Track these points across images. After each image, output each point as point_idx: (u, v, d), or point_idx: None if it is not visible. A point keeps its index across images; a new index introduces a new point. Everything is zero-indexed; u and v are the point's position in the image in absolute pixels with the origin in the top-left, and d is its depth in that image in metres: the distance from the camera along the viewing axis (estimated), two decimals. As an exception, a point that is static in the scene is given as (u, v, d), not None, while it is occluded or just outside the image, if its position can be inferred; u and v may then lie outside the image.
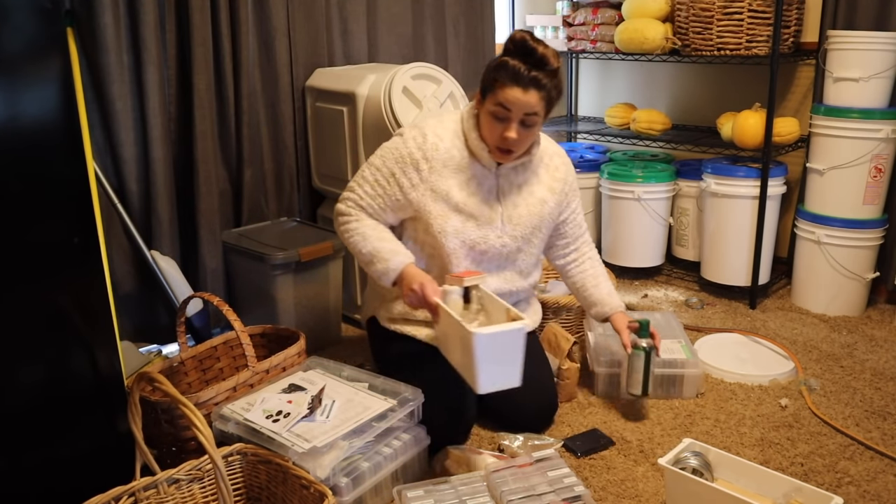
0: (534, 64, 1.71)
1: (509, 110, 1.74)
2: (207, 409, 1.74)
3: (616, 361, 2.16)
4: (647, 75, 3.47)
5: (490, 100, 1.77)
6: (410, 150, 1.84)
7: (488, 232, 1.89)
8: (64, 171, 1.40)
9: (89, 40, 2.18)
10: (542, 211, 1.95)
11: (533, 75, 1.71)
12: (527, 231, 1.94)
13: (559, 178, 1.99)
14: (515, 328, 1.58)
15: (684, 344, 2.25)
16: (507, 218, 1.91)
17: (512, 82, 1.72)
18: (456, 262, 1.88)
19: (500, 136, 1.77)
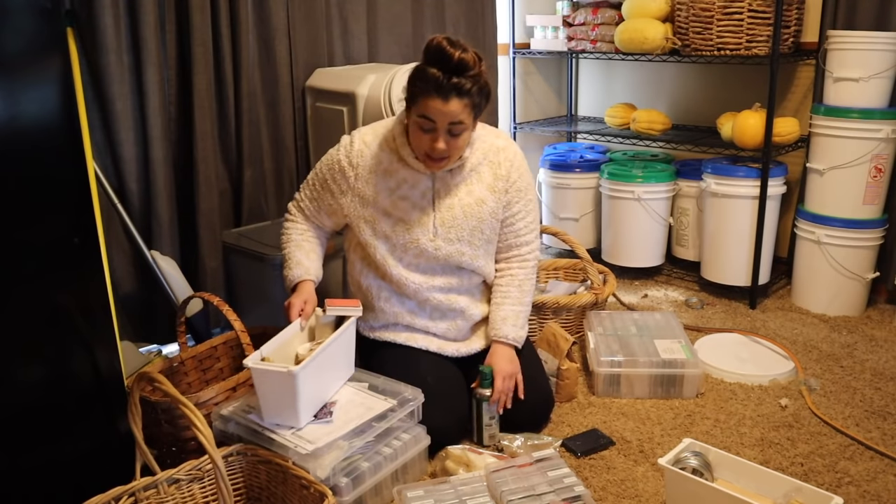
0: (452, 70, 1.65)
1: (433, 121, 1.70)
2: (207, 409, 1.74)
3: (617, 362, 2.15)
4: (647, 75, 3.47)
5: (414, 111, 1.73)
6: (339, 157, 1.88)
7: (419, 235, 1.86)
8: (64, 171, 1.40)
9: (89, 40, 2.18)
10: (480, 212, 1.89)
11: (453, 82, 1.65)
12: (463, 233, 1.88)
13: (502, 175, 1.90)
14: (279, 371, 1.57)
15: (684, 344, 2.24)
16: (440, 221, 1.87)
17: (432, 92, 1.66)
18: (394, 264, 1.89)
19: (429, 146, 1.74)
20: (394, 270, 1.89)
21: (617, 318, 2.43)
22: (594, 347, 2.23)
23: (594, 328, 2.34)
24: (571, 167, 3.29)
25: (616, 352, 2.19)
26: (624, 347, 2.22)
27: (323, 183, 1.92)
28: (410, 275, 1.90)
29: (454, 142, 1.75)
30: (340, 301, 1.84)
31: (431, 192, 1.88)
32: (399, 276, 1.90)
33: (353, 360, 1.86)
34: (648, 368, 2.15)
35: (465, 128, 1.74)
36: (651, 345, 2.23)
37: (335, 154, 1.90)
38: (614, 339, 2.27)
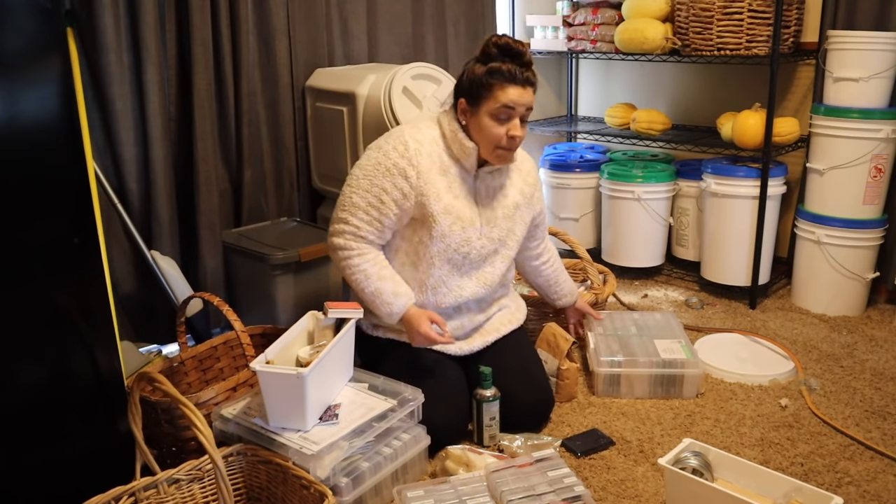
0: (523, 64, 1.80)
1: (513, 109, 1.79)
2: (207, 409, 1.74)
3: (617, 362, 2.15)
4: (647, 75, 3.47)
5: (488, 104, 1.80)
6: (394, 160, 1.82)
7: (471, 234, 1.90)
8: (64, 171, 1.40)
9: (89, 40, 2.18)
10: (514, 214, 1.99)
11: (526, 75, 1.80)
12: (503, 233, 1.96)
13: (530, 182, 2.03)
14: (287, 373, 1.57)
15: (684, 344, 2.24)
16: (485, 220, 1.93)
17: (510, 83, 1.78)
18: (439, 265, 1.89)
19: (506, 135, 1.81)
20: (437, 271, 1.89)
21: (617, 318, 2.43)
22: (594, 347, 2.24)
23: (594, 328, 2.34)
24: (571, 167, 3.29)
25: (616, 352, 2.19)
26: (624, 347, 2.22)
27: (381, 195, 1.82)
28: (450, 278, 1.91)
29: (524, 128, 1.85)
30: (341, 304, 1.83)
31: (474, 191, 1.93)
32: (437, 277, 1.90)
33: (352, 361, 1.86)
34: (648, 368, 2.15)
35: (529, 115, 1.86)
36: (651, 345, 2.23)
37: (386, 160, 1.82)
38: (614, 339, 2.27)
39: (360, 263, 1.85)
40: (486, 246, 1.94)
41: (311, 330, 1.85)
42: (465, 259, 1.91)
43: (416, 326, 1.85)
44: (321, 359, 1.63)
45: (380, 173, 1.82)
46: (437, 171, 1.85)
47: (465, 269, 1.93)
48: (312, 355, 1.73)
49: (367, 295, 1.86)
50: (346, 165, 2.55)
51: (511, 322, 2.07)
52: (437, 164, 1.86)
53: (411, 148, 1.83)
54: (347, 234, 1.85)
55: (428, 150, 1.85)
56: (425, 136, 1.87)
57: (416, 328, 1.85)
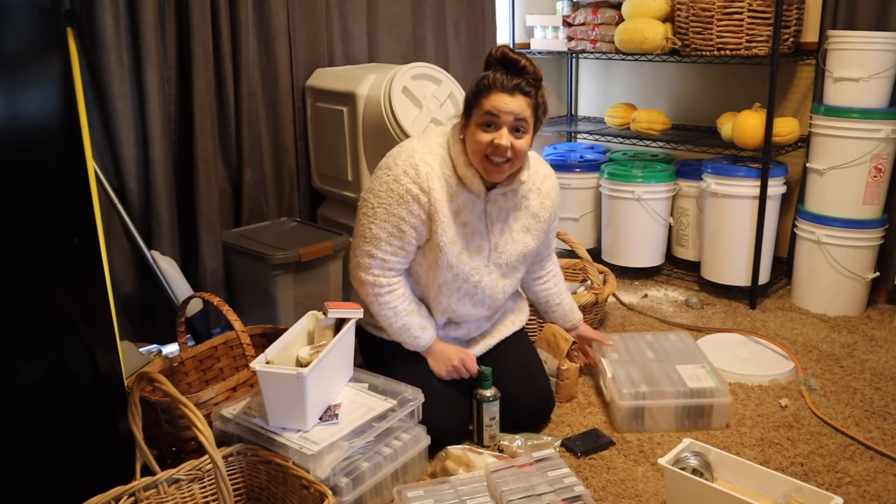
0: (516, 73, 1.71)
1: (497, 116, 1.70)
2: (207, 409, 1.74)
3: (642, 394, 1.95)
4: (647, 75, 3.47)
5: (476, 113, 1.73)
6: (406, 186, 1.74)
7: (478, 263, 1.86)
8: (64, 171, 1.40)
9: (89, 40, 2.18)
10: (525, 239, 1.92)
11: (517, 82, 1.70)
12: (512, 259, 1.90)
13: (548, 206, 1.94)
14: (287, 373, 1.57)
15: (709, 370, 2.06)
16: (493, 246, 1.87)
17: (497, 89, 1.70)
18: (447, 293, 1.86)
19: (490, 143, 1.71)
20: (445, 300, 1.88)
21: (630, 342, 2.26)
22: (612, 376, 2.04)
23: (607, 353, 2.17)
24: (571, 167, 3.29)
25: (639, 382, 1.99)
26: (647, 377, 2.02)
27: (401, 224, 1.76)
28: (459, 307, 1.90)
29: (516, 143, 1.73)
30: (341, 304, 1.83)
31: (485, 215, 1.84)
32: (446, 305, 1.89)
33: (352, 361, 1.86)
34: (675, 399, 1.97)
35: (527, 129, 1.74)
36: (674, 372, 2.05)
37: (399, 187, 1.75)
38: (633, 365, 2.09)
39: (390, 301, 1.83)
40: (494, 272, 1.90)
41: (311, 330, 1.85)
42: (475, 288, 1.88)
43: (446, 360, 1.89)
44: (321, 359, 1.63)
45: (394, 201, 1.75)
46: (446, 198, 1.78)
47: (476, 297, 1.90)
48: (312, 355, 1.73)
49: (396, 329, 1.86)
50: (346, 165, 2.55)
51: (514, 324, 2.07)
52: (447, 190, 1.78)
53: (422, 172, 1.75)
54: (375, 270, 1.81)
55: (438, 173, 1.77)
56: (436, 158, 1.78)
57: (443, 362, 1.90)
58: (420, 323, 1.87)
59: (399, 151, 1.81)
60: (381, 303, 1.83)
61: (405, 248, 1.80)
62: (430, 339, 1.89)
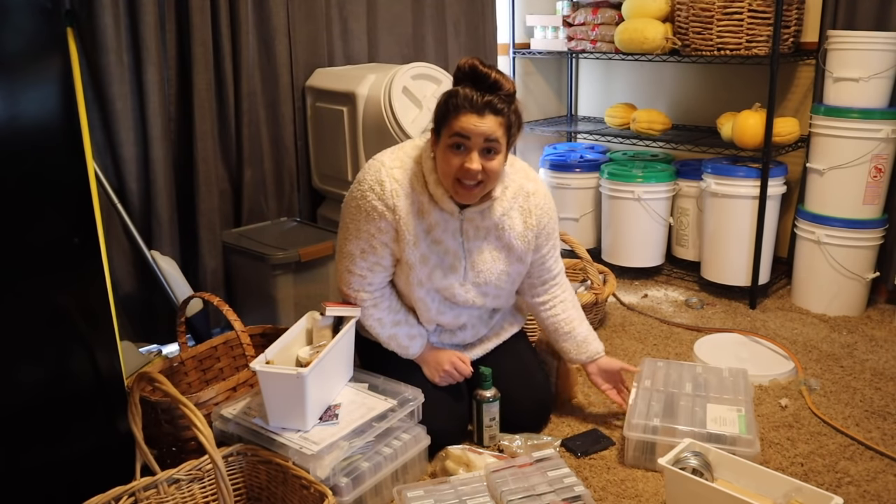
0: (486, 89, 1.61)
1: (468, 138, 1.61)
2: (207, 409, 1.74)
3: (651, 428, 1.80)
4: (647, 75, 3.47)
5: (445, 133, 1.64)
6: (373, 204, 1.70)
7: (452, 281, 1.80)
8: (64, 171, 1.40)
9: (89, 40, 2.18)
10: (508, 258, 1.83)
11: (487, 100, 1.60)
12: (491, 277, 1.83)
13: (532, 225, 1.82)
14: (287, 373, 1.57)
15: (742, 414, 1.84)
16: (470, 265, 1.80)
17: (466, 108, 1.60)
18: (424, 308, 1.84)
19: (460, 167, 1.63)
20: (424, 314, 1.86)
21: (674, 370, 2.06)
22: (632, 403, 1.90)
23: (641, 380, 2.00)
24: (571, 167, 3.29)
25: (655, 414, 1.84)
26: (666, 408, 1.87)
27: (371, 242, 1.74)
28: (440, 317, 1.88)
29: (488, 164, 1.64)
30: (339, 303, 1.84)
31: (460, 233, 1.77)
32: (429, 317, 1.87)
33: (352, 361, 1.86)
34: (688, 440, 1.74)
35: (499, 149, 1.65)
36: (702, 410, 1.86)
37: (366, 204, 1.71)
38: (660, 395, 1.93)
39: (374, 314, 1.83)
40: (471, 290, 1.83)
41: (311, 329, 1.85)
42: (454, 300, 1.85)
43: (437, 366, 1.88)
44: (321, 359, 1.63)
45: (362, 217, 1.73)
46: (415, 214, 1.72)
47: (457, 309, 1.88)
48: (312, 355, 1.73)
49: (384, 338, 1.86)
50: (346, 165, 2.55)
51: (512, 326, 2.06)
52: (416, 206, 1.71)
53: (387, 189, 1.70)
54: (355, 286, 1.80)
55: (407, 189, 1.71)
56: (405, 173, 1.72)
57: (434, 368, 1.88)
58: (408, 332, 1.87)
59: (370, 165, 1.76)
60: (365, 315, 1.84)
61: (381, 262, 1.77)
62: (419, 349, 1.89)
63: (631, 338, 2.59)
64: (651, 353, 2.47)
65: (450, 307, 1.87)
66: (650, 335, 2.61)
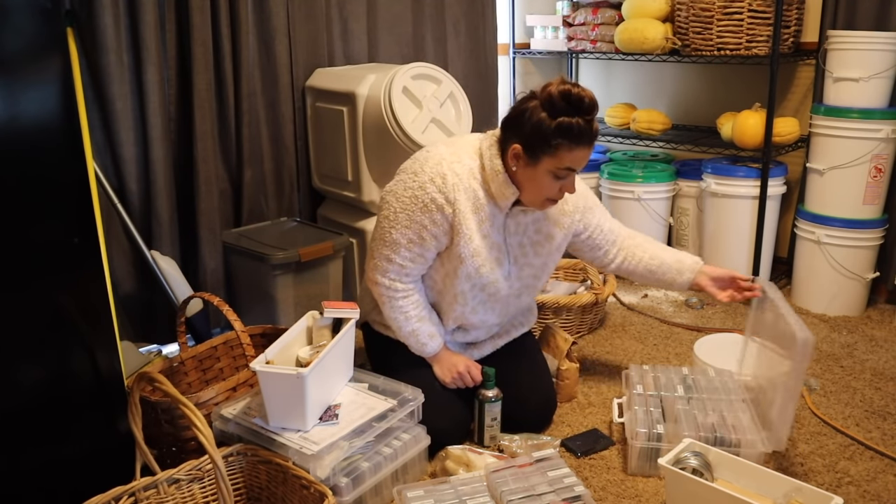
0: (587, 113, 1.63)
1: (574, 170, 1.68)
2: (207, 409, 1.74)
3: (656, 435, 1.77)
4: (648, 75, 3.47)
5: (550, 161, 1.64)
6: (433, 196, 1.70)
7: (498, 276, 1.82)
8: (64, 171, 1.40)
9: (89, 40, 2.18)
10: (549, 248, 1.89)
11: (594, 129, 1.65)
12: (534, 271, 1.89)
13: (568, 211, 1.89)
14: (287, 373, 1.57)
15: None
16: (513, 259, 1.85)
17: (579, 144, 1.63)
18: (462, 302, 1.84)
19: (558, 191, 1.71)
20: (460, 308, 1.85)
21: (662, 374, 2.05)
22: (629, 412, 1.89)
23: (633, 384, 1.98)
24: (571, 167, 3.28)
25: (657, 421, 1.82)
26: (668, 415, 1.86)
27: (421, 234, 1.74)
28: (474, 316, 1.88)
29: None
30: (338, 303, 1.84)
31: (503, 228, 1.81)
32: (462, 312, 1.86)
33: (352, 362, 1.86)
34: None
35: None
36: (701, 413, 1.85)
37: (424, 195, 1.71)
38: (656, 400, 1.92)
39: (403, 306, 1.83)
40: (514, 285, 1.87)
41: (310, 327, 1.85)
42: (492, 298, 1.87)
43: (451, 367, 1.89)
44: (321, 359, 1.63)
45: (418, 208, 1.72)
46: (471, 209, 1.73)
47: (490, 304, 1.89)
48: (312, 355, 1.73)
49: (404, 333, 1.86)
50: (346, 165, 2.55)
51: (522, 325, 2.07)
52: (472, 201, 1.73)
53: (449, 182, 1.71)
54: (392, 275, 1.80)
55: (466, 184, 1.72)
56: (464, 168, 1.73)
57: (448, 369, 1.89)
58: (429, 331, 1.87)
59: (427, 157, 1.76)
60: (393, 306, 1.83)
61: (424, 255, 1.78)
62: (436, 348, 1.89)
63: (631, 338, 2.59)
64: (651, 353, 2.47)
65: (483, 305, 1.88)
66: (650, 335, 2.61)
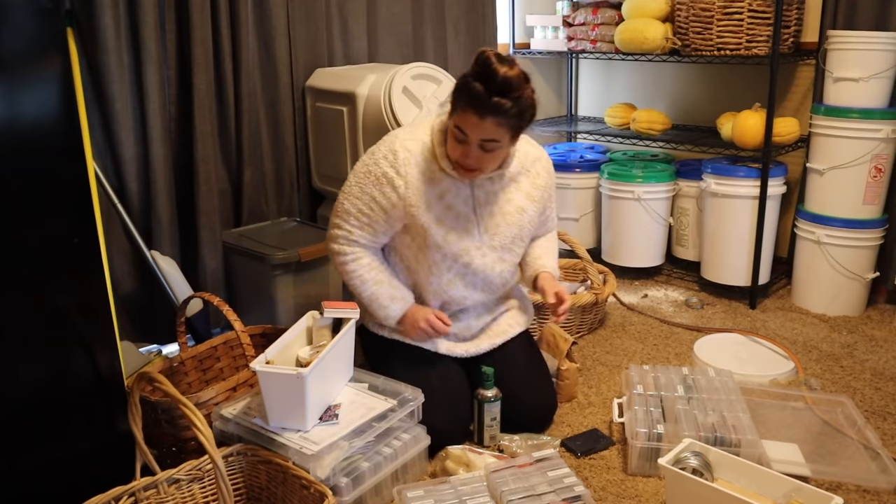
0: (494, 89, 1.61)
1: (466, 135, 1.68)
2: (207, 409, 1.74)
3: (656, 435, 1.79)
4: (647, 75, 3.47)
5: (453, 118, 1.71)
6: (384, 169, 1.79)
7: (468, 244, 1.86)
8: (64, 171, 1.40)
9: (89, 40, 2.18)
10: (521, 220, 1.91)
11: (494, 102, 1.61)
12: (506, 241, 1.90)
13: (540, 185, 1.93)
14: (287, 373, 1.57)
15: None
16: (484, 229, 1.87)
17: (469, 107, 1.64)
18: (437, 272, 1.87)
19: (460, 156, 1.73)
20: (435, 280, 1.88)
21: (662, 374, 2.06)
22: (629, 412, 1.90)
23: (633, 384, 2.00)
24: (571, 167, 3.29)
25: (657, 421, 1.84)
26: (668, 415, 1.88)
27: (371, 203, 1.81)
28: (450, 288, 1.90)
29: (485, 156, 1.72)
30: (338, 303, 1.84)
31: (472, 199, 1.85)
32: (439, 285, 1.89)
33: (352, 361, 1.86)
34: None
35: (498, 146, 1.71)
36: (702, 413, 1.87)
37: (376, 169, 1.80)
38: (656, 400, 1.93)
39: (356, 269, 1.87)
40: (488, 255, 1.89)
41: (310, 327, 1.85)
42: (467, 269, 1.89)
43: (414, 323, 1.88)
44: (321, 359, 1.63)
45: (370, 182, 1.81)
46: (426, 181, 1.80)
47: (468, 278, 1.91)
48: (312, 355, 1.73)
49: (365, 299, 1.89)
50: (346, 165, 2.55)
51: (519, 323, 2.06)
52: (427, 174, 1.80)
53: (400, 157, 1.79)
54: (341, 240, 1.87)
55: (418, 159, 1.79)
56: (417, 144, 1.81)
57: (412, 325, 1.88)
58: (388, 293, 1.87)
59: (384, 138, 1.87)
60: (347, 271, 1.88)
61: (372, 225, 1.84)
62: (398, 311, 1.88)
63: (631, 338, 2.59)
64: (651, 353, 2.47)
65: (461, 279, 1.89)
66: (650, 335, 2.61)
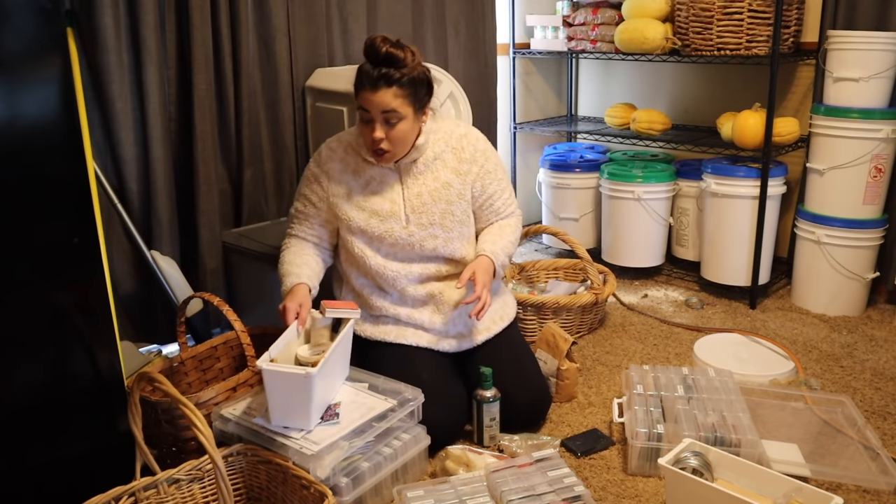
0: (380, 62, 1.77)
1: (368, 111, 1.80)
2: (207, 409, 1.74)
3: (656, 435, 1.78)
4: (647, 75, 3.47)
5: (356, 103, 1.84)
6: (311, 169, 1.99)
7: (392, 225, 1.92)
8: (64, 171, 1.40)
9: (89, 40, 2.18)
10: (448, 195, 1.95)
11: (381, 72, 1.76)
12: (434, 217, 1.94)
13: (466, 158, 1.97)
14: (295, 373, 1.57)
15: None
16: (410, 209, 1.94)
17: (363, 85, 1.79)
18: (371, 254, 1.94)
19: (369, 138, 1.83)
20: (372, 261, 1.94)
21: (662, 374, 2.06)
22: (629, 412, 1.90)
23: (633, 384, 2.00)
24: (571, 167, 3.29)
25: (657, 421, 1.84)
26: (668, 415, 1.88)
27: (305, 200, 1.99)
28: (388, 263, 1.95)
29: (391, 132, 1.81)
30: (338, 303, 1.84)
31: (399, 184, 1.95)
32: (377, 265, 1.95)
33: (349, 361, 1.86)
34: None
35: (400, 117, 1.80)
36: (702, 413, 1.87)
37: (308, 171, 2.00)
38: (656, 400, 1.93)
39: (283, 255, 1.99)
40: (417, 233, 1.93)
41: (309, 329, 1.84)
42: (395, 248, 1.94)
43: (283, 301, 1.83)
44: (327, 359, 1.63)
45: (305, 182, 2.00)
46: (350, 174, 1.95)
47: (400, 255, 1.95)
48: (313, 355, 1.73)
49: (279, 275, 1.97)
50: (346, 165, 2.55)
51: (502, 319, 2.06)
52: (352, 167, 1.95)
53: (323, 155, 1.98)
54: (287, 235, 2.04)
55: (341, 154, 1.96)
56: (341, 143, 1.98)
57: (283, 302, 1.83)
58: (287, 270, 1.92)
59: None
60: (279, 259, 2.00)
61: (308, 220, 1.99)
62: (290, 284, 1.88)
63: (631, 338, 2.59)
64: (651, 353, 2.47)
65: (393, 256, 1.95)
66: (650, 335, 2.61)
